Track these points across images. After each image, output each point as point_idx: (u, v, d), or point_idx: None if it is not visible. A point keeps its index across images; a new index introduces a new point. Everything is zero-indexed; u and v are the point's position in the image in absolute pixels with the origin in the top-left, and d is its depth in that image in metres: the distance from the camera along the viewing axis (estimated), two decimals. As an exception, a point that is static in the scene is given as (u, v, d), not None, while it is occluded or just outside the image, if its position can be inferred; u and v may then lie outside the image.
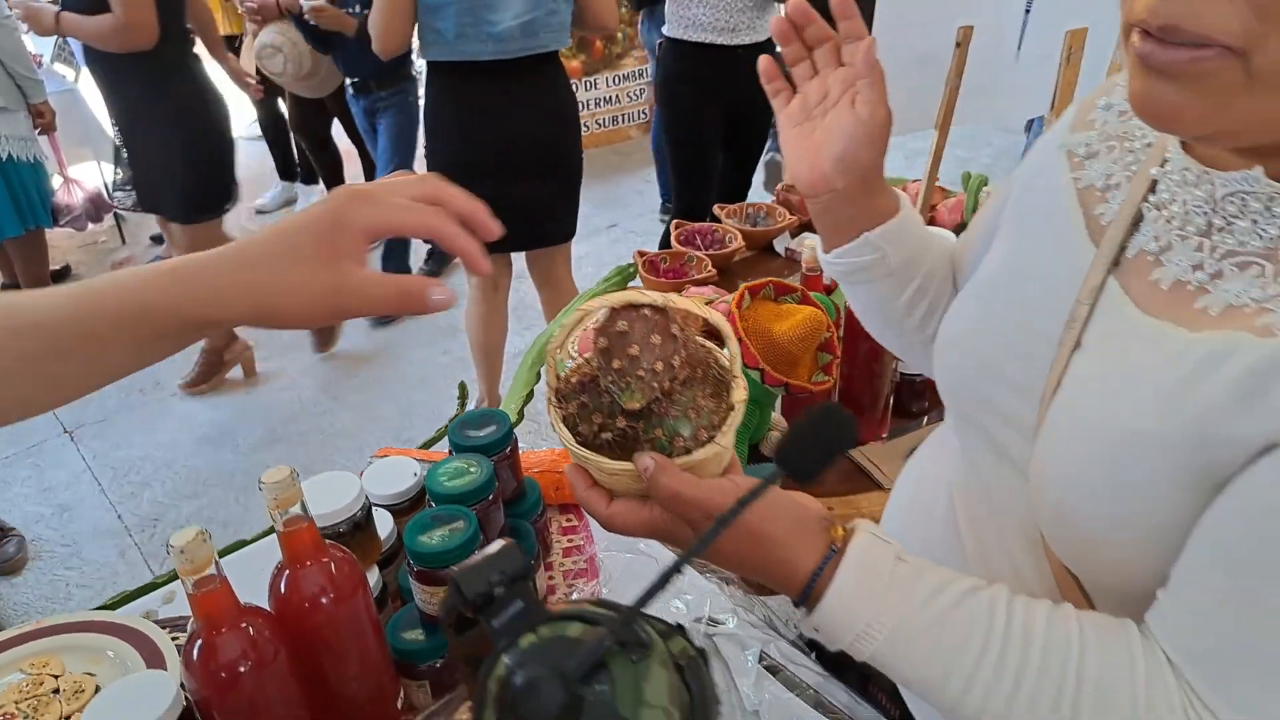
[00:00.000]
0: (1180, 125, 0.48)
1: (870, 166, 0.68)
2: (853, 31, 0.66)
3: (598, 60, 4.55)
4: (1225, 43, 0.43)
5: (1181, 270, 0.53)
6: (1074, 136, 0.64)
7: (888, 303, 0.77)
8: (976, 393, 0.66)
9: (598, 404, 0.62)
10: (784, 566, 0.57)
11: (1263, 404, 0.46)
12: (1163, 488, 0.50)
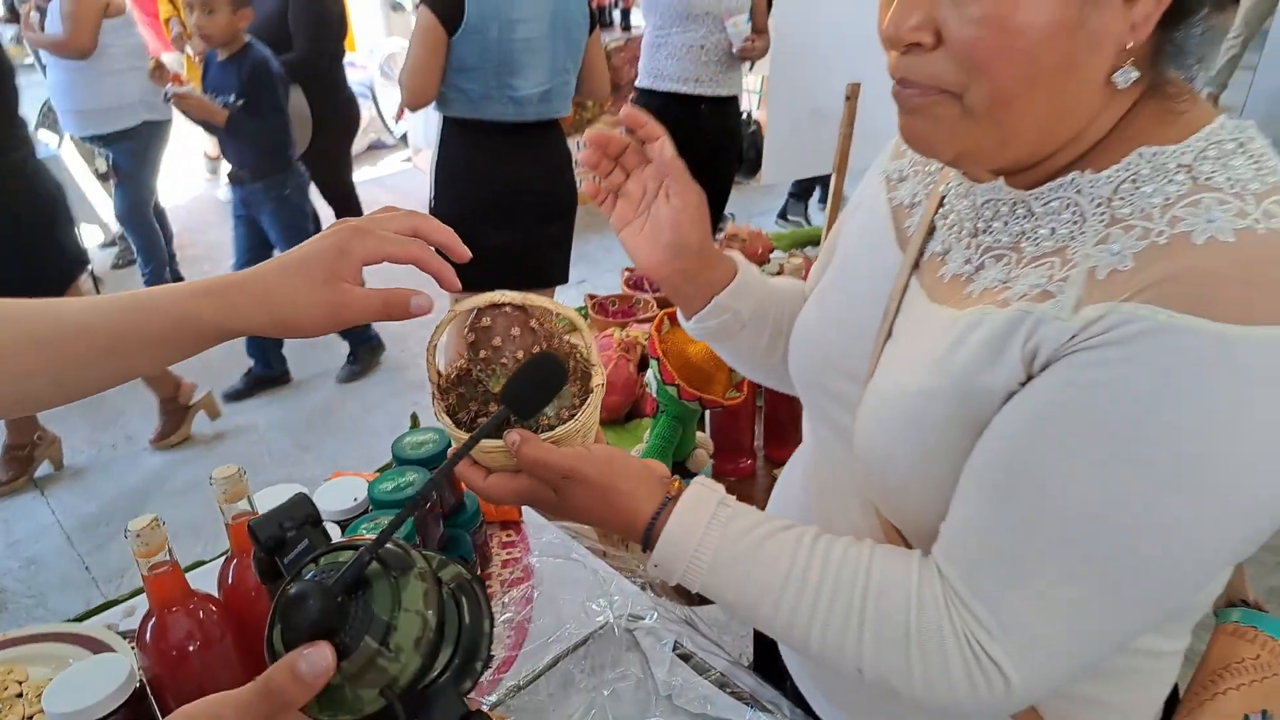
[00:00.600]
0: (929, 148, 0.62)
1: (700, 243, 0.80)
2: (649, 134, 0.77)
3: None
4: (943, 88, 0.57)
5: (958, 265, 0.66)
6: (891, 164, 0.77)
7: (753, 350, 0.89)
8: (818, 381, 0.77)
9: (473, 393, 0.73)
10: (629, 514, 0.67)
11: (1002, 360, 0.58)
12: (943, 435, 0.61)
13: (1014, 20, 0.53)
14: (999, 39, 0.54)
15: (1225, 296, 0.50)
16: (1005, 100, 0.56)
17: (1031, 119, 0.57)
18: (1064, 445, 0.55)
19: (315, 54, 3.34)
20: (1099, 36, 0.55)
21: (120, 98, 3.44)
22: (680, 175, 0.78)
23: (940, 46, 0.56)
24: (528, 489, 0.69)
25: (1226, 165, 0.55)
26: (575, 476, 0.66)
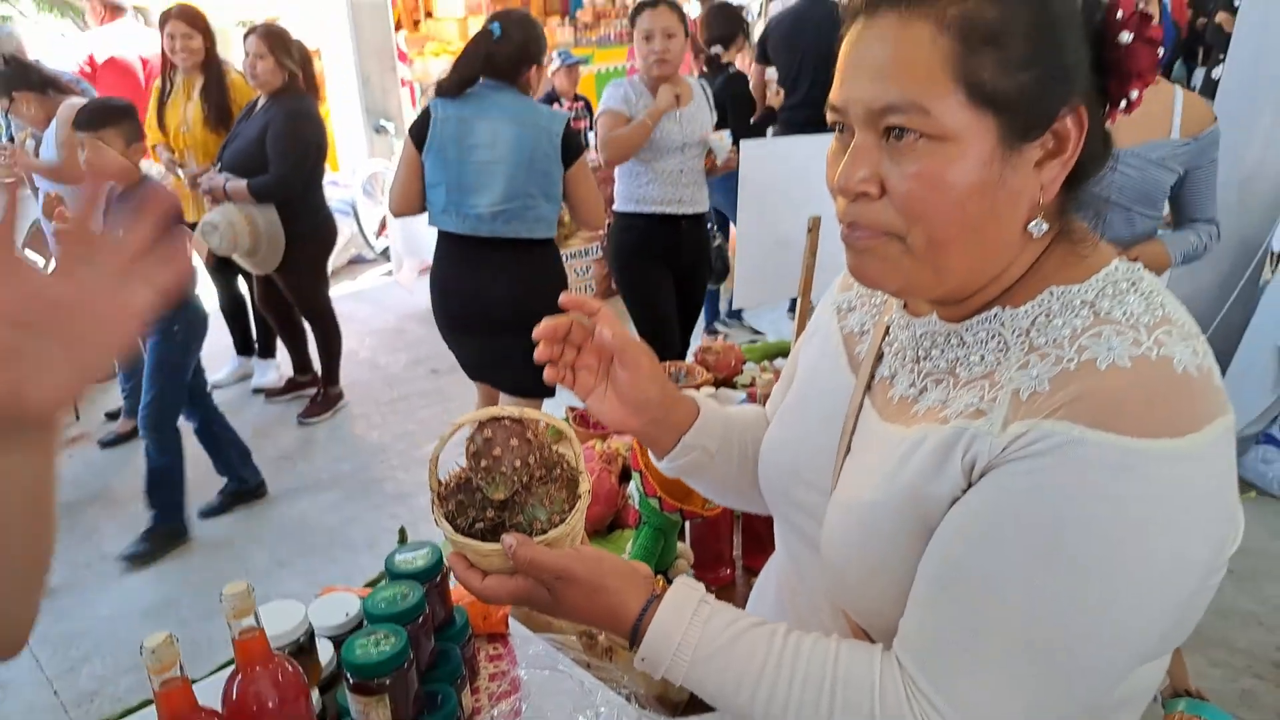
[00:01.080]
0: (876, 283, 0.71)
1: (660, 394, 0.88)
2: (588, 311, 0.84)
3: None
4: (888, 231, 0.67)
5: (904, 388, 0.75)
6: (840, 295, 0.87)
7: (724, 479, 0.97)
8: (786, 494, 0.85)
9: (471, 500, 0.79)
10: (617, 611, 0.73)
11: (945, 471, 0.66)
12: (898, 542, 0.69)
13: (946, 178, 0.64)
14: (933, 193, 0.64)
15: (1127, 413, 0.59)
16: (940, 243, 0.66)
17: (962, 259, 0.67)
18: (998, 545, 0.62)
19: (289, 178, 3.48)
20: (1016, 193, 0.66)
21: (111, 219, 3.55)
22: (625, 346, 0.84)
23: (884, 196, 0.66)
24: (523, 589, 0.74)
25: (1122, 301, 0.65)
26: (567, 576, 0.72)
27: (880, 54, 0.65)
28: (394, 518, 3.07)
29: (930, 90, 0.63)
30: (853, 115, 0.66)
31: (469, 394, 4.04)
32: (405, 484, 3.33)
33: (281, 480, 3.38)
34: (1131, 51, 0.66)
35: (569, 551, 0.74)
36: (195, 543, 3.10)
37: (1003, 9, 0.63)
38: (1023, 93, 0.64)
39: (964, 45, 0.63)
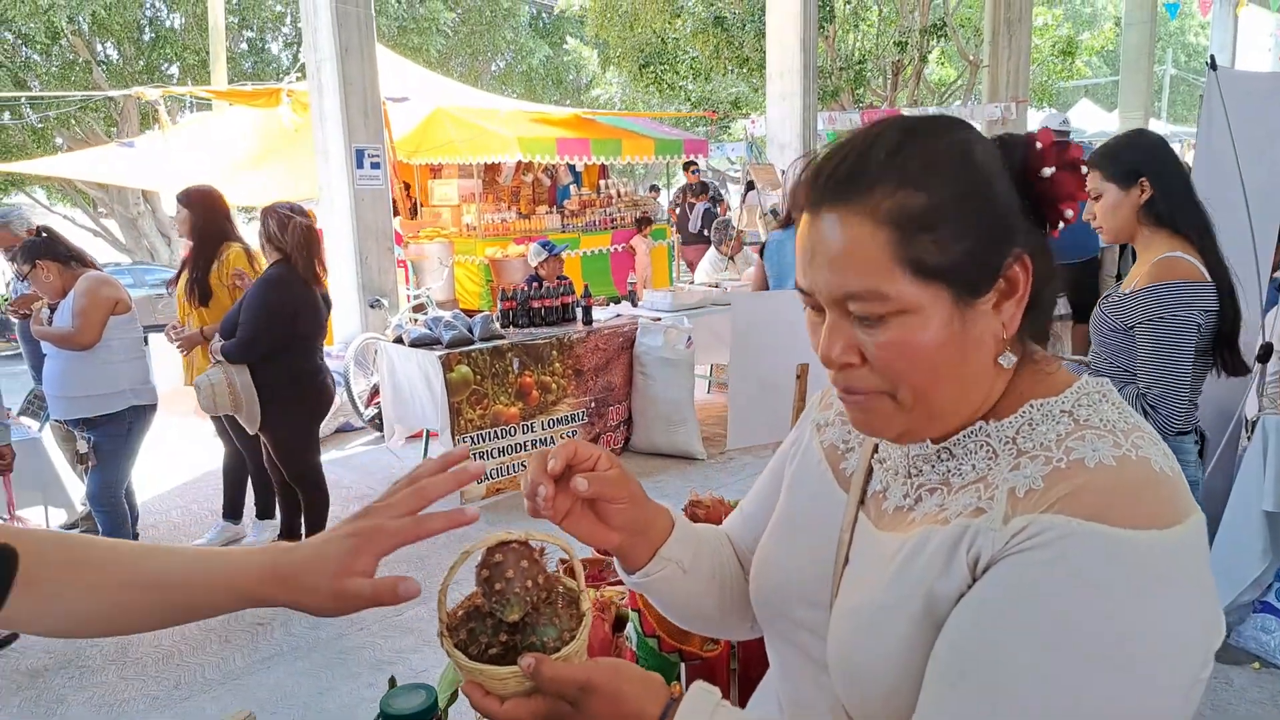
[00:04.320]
0: (876, 433, 0.79)
1: (636, 517, 0.89)
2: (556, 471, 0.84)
3: (534, 407, 5.02)
4: (877, 390, 0.75)
5: (898, 500, 0.80)
6: (819, 414, 0.94)
7: (695, 596, 0.97)
8: (783, 611, 0.88)
9: (482, 627, 0.81)
10: (638, 717, 0.74)
11: (952, 567, 0.71)
12: (907, 640, 0.72)
13: (914, 343, 0.71)
14: (906, 357, 0.72)
15: (1118, 508, 0.66)
16: (925, 394, 0.73)
17: (947, 401, 0.75)
18: (1008, 635, 0.66)
19: (254, 341, 3.59)
20: (980, 337, 0.74)
21: (113, 385, 3.64)
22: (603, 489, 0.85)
23: (866, 364, 0.74)
24: (545, 709, 0.75)
25: (1098, 410, 0.73)
26: (589, 687, 0.73)
27: (831, 247, 0.72)
28: (371, 686, 2.95)
29: (881, 277, 0.70)
30: (820, 298, 0.75)
31: (451, 555, 3.98)
32: (384, 651, 3.22)
33: (259, 648, 3.26)
34: (1057, 180, 0.75)
35: (587, 663, 0.76)
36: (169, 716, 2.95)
37: (929, 193, 0.70)
38: (965, 260, 0.71)
39: (901, 233, 0.69)
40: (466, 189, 10.14)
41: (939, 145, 0.73)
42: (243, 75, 15.46)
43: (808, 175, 0.76)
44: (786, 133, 8.86)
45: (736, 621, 1.02)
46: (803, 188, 0.76)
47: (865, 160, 0.72)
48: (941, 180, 0.71)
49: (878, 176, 0.71)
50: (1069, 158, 0.76)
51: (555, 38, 21.52)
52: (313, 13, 6.17)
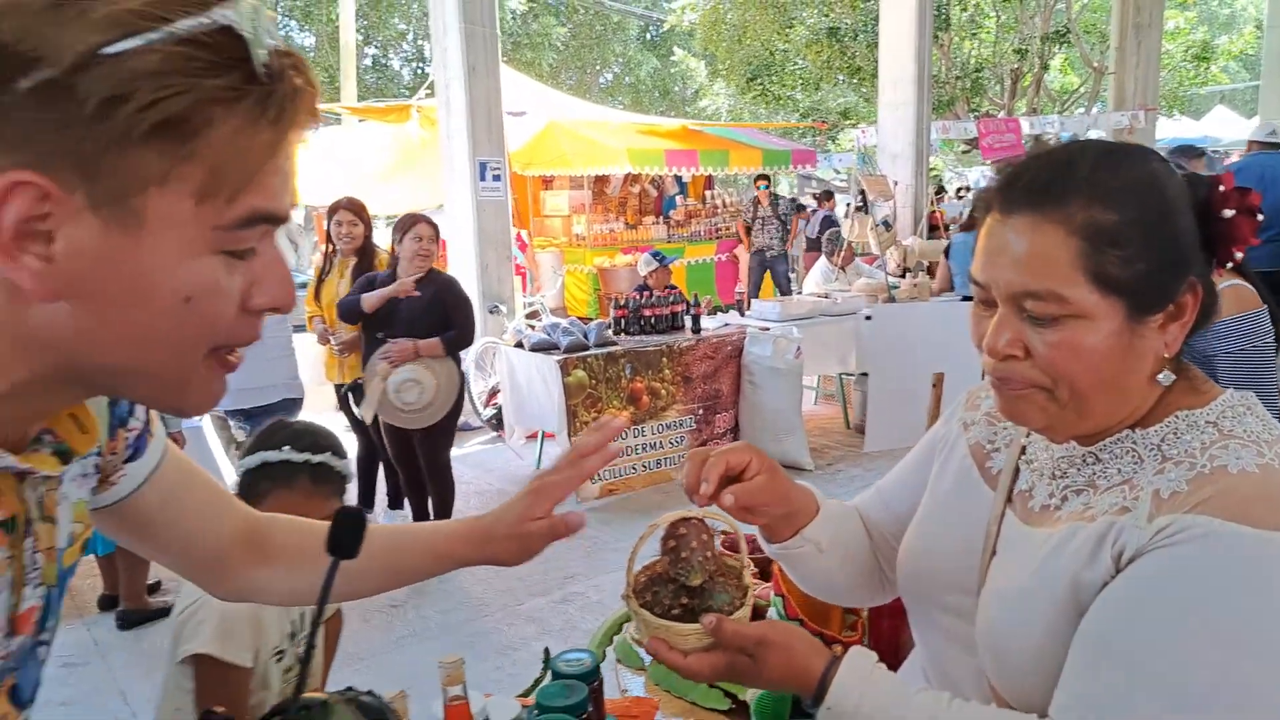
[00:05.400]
0: (1024, 423, 0.86)
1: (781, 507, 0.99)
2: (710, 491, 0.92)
3: (644, 412, 5.16)
4: (1035, 384, 0.82)
5: (1043, 499, 0.88)
6: (966, 413, 1.01)
7: (825, 574, 1.07)
8: (931, 597, 0.96)
9: (665, 591, 0.94)
10: (806, 671, 0.85)
11: (1098, 559, 0.78)
12: (1052, 623, 0.79)
13: (1082, 346, 0.78)
14: (1072, 358, 0.79)
15: (1259, 509, 0.72)
16: (1081, 395, 0.80)
17: (1101, 406, 0.82)
18: (1151, 620, 0.73)
19: (469, 334, 4.05)
20: (1143, 354, 0.81)
21: (268, 378, 3.96)
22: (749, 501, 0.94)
23: (1029, 358, 0.80)
24: (726, 662, 0.86)
25: (1242, 422, 0.79)
26: (766, 642, 0.85)
27: (1018, 248, 0.78)
28: (498, 669, 3.13)
29: (1063, 281, 0.76)
30: (995, 293, 0.81)
31: (566, 554, 4.16)
32: (508, 636, 3.41)
33: (394, 628, 3.50)
34: (1235, 223, 0.80)
35: (763, 623, 0.88)
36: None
37: (1122, 213, 0.76)
38: (1145, 279, 0.77)
39: (1090, 245, 0.76)
40: (576, 200, 10.43)
41: (1135, 171, 0.79)
42: (367, 90, 16.29)
43: (1002, 181, 0.83)
44: (898, 142, 8.76)
45: (861, 593, 1.13)
46: (996, 193, 0.83)
47: (1066, 174, 0.79)
48: (1134, 203, 0.78)
49: (1076, 190, 0.78)
50: (1248, 203, 0.81)
51: (663, 50, 21.80)
52: (443, 33, 6.50)
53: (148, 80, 0.50)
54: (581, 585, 3.84)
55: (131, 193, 0.53)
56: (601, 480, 5.01)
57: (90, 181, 0.52)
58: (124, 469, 0.81)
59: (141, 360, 0.58)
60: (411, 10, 17.08)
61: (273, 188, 0.57)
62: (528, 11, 17.91)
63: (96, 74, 0.50)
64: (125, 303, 0.55)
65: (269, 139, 0.56)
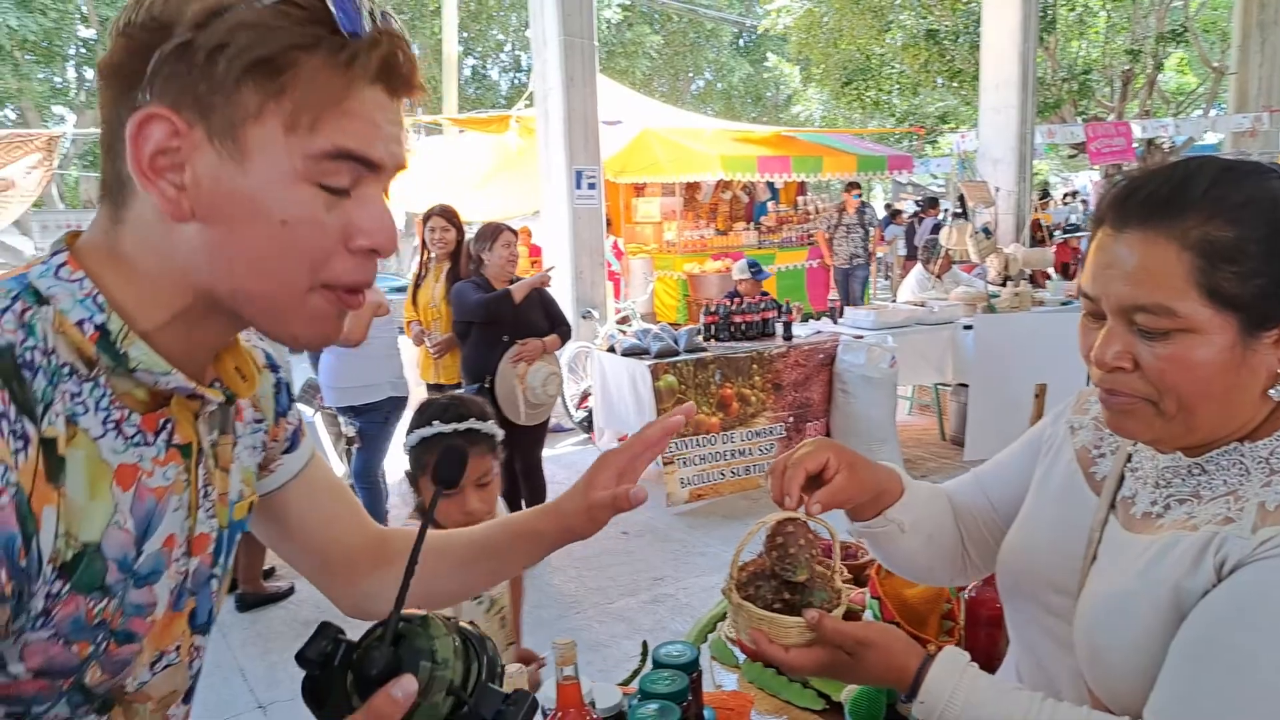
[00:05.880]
0: (1130, 435, 0.88)
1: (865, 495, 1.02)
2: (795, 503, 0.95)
3: (734, 418, 5.19)
4: (1142, 397, 0.83)
5: (1145, 506, 0.89)
6: (1074, 417, 1.02)
7: (907, 554, 1.09)
8: (1031, 595, 0.98)
9: (767, 586, 0.98)
10: (901, 669, 0.88)
11: (1200, 567, 0.79)
12: (1150, 628, 0.81)
13: (1192, 360, 0.79)
14: (1181, 372, 0.79)
15: None
16: (1189, 408, 0.81)
17: (1208, 420, 0.82)
18: (1253, 627, 0.74)
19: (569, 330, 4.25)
20: (1256, 368, 0.81)
21: (375, 377, 4.16)
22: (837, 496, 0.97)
23: (1137, 370, 0.81)
24: (827, 657, 0.91)
25: None
26: (866, 641, 0.89)
27: (1130, 262, 0.80)
28: (589, 664, 3.21)
29: (1175, 296, 0.77)
30: (1105, 305, 0.83)
31: (656, 556, 4.22)
32: (599, 634, 3.49)
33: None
34: None
35: (863, 623, 0.92)
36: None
37: (1238, 229, 0.76)
38: (1260, 296, 0.77)
39: (1205, 260, 0.76)
40: (668, 206, 10.52)
41: (1254, 188, 0.79)
42: (467, 101, 16.81)
43: (1118, 194, 0.84)
44: (1000, 147, 8.53)
45: (941, 573, 1.15)
46: (1109, 207, 0.84)
47: (1183, 189, 0.80)
48: (1253, 220, 0.78)
49: (1192, 206, 0.79)
50: None
51: (756, 56, 21.74)
52: (542, 45, 6.69)
53: (244, 31, 0.61)
54: (670, 587, 3.90)
55: (237, 126, 0.63)
56: (690, 486, 5.06)
57: (206, 118, 0.62)
58: (281, 459, 0.90)
59: (255, 282, 0.66)
60: (510, 22, 17.54)
61: (358, 131, 0.65)
62: (622, 21, 18.15)
63: (208, 31, 0.61)
64: (238, 223, 0.64)
65: (346, 81, 0.64)
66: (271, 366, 0.89)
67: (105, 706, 0.70)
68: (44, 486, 0.61)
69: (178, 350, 0.69)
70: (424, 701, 0.63)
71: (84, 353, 0.65)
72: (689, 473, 5.04)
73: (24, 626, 0.61)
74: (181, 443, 0.72)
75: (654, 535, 4.55)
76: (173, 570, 0.72)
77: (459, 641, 0.66)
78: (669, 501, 4.87)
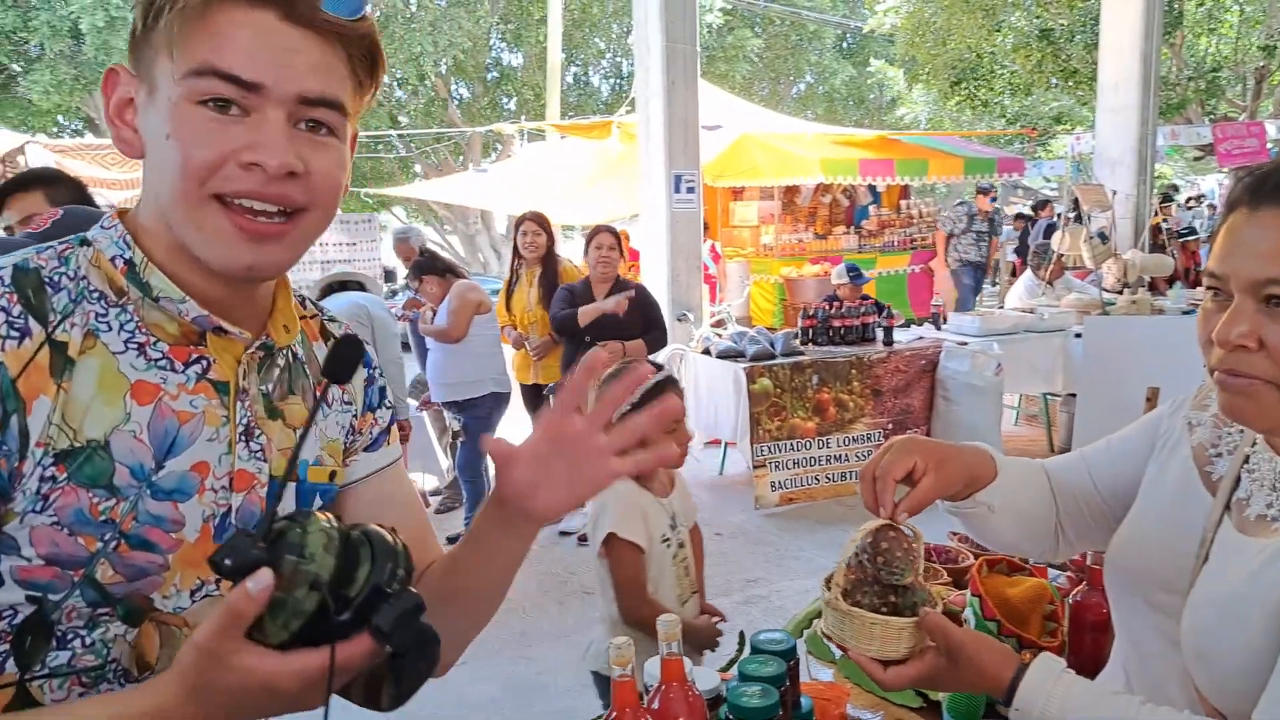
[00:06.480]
0: (1246, 422, 0.86)
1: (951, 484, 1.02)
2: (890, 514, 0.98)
3: (831, 423, 5.15)
4: (1263, 379, 0.82)
5: (1260, 509, 0.87)
6: (1193, 412, 1.00)
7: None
8: (1140, 592, 0.97)
9: (871, 591, 1.00)
10: (997, 673, 0.89)
11: None
12: (1261, 630, 0.80)
13: None
14: None
15: None
16: None
17: None
18: None
19: (664, 336, 4.41)
20: None
21: (478, 373, 4.33)
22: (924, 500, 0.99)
23: (1261, 350, 0.81)
24: (924, 668, 0.93)
25: None
26: (963, 647, 0.91)
27: (1263, 241, 0.81)
28: (682, 662, 3.25)
29: None
30: (1234, 284, 0.82)
31: (749, 558, 4.22)
32: (692, 633, 3.53)
33: (587, 613, 3.72)
34: None
35: (961, 629, 0.93)
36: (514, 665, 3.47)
37: None
38: None
39: None
40: (766, 210, 10.47)
41: None
42: (569, 107, 17.14)
43: (1254, 180, 0.84)
44: (1118, 149, 8.15)
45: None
46: (1246, 190, 0.84)
47: None
48: None
49: None
50: None
51: (859, 58, 21.39)
52: (645, 52, 6.79)
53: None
54: (763, 589, 3.91)
55: (151, 67, 0.73)
56: (781, 490, 5.04)
57: (144, 69, 0.74)
58: (359, 455, 0.95)
59: (165, 199, 0.74)
60: (611, 30, 17.80)
61: (222, 48, 0.71)
62: (723, 25, 18.16)
63: None
64: (150, 149, 0.75)
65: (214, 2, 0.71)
66: (365, 363, 0.95)
67: (132, 618, 0.75)
68: (41, 377, 0.70)
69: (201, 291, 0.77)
70: (286, 596, 0.62)
71: (115, 283, 0.76)
72: (781, 476, 5.03)
73: (26, 509, 0.69)
74: (217, 379, 0.79)
75: (746, 538, 4.56)
76: (207, 498, 0.78)
77: (338, 540, 0.64)
78: (758, 504, 4.87)
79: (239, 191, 0.73)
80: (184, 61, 0.71)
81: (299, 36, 0.72)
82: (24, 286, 0.72)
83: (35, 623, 0.72)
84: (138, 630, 0.76)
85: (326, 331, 0.96)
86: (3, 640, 0.72)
